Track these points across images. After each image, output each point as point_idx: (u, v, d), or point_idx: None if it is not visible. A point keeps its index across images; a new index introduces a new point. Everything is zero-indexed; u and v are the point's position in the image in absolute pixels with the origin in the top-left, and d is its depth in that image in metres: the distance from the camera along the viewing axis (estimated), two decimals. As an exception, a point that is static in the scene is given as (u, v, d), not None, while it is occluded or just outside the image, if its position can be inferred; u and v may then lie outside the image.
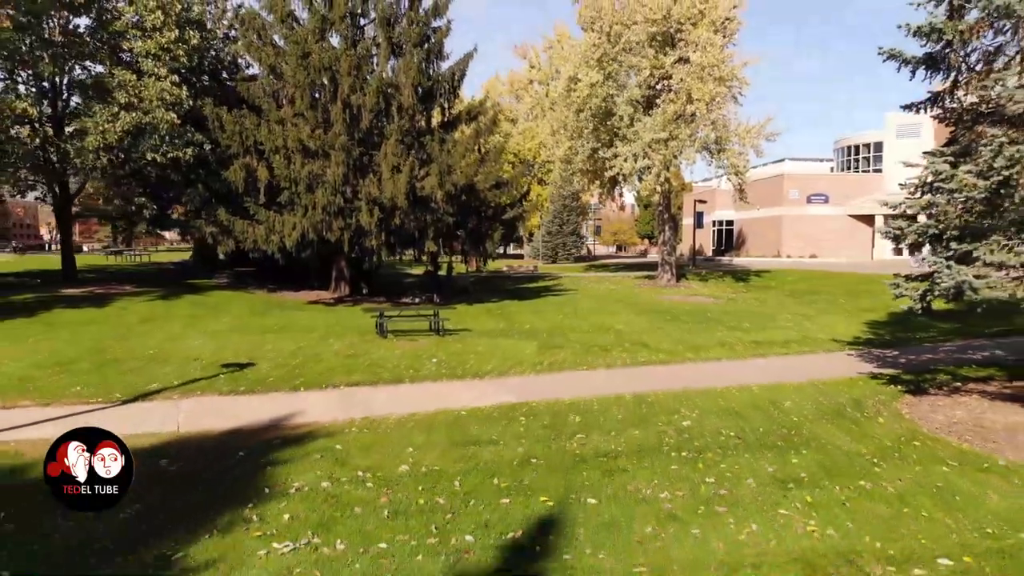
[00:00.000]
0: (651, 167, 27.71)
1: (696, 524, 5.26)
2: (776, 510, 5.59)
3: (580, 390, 9.84)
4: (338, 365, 11.58)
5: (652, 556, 4.76)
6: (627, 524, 5.23)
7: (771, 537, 5.12)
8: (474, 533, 5.03)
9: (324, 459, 6.66)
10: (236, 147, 19.85)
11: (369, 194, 19.17)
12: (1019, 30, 7.79)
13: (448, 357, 12.46)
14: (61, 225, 22.56)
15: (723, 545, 4.96)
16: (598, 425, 8.01)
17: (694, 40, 27.43)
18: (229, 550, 4.80)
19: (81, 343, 13.13)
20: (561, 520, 5.29)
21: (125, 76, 18.57)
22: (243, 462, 6.60)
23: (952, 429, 8.23)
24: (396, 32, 21.93)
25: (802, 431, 7.85)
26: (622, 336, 15.44)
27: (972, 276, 7.75)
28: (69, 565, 4.62)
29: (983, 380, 10.70)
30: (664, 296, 25.90)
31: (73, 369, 10.71)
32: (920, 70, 9.16)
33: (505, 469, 6.43)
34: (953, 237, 8.24)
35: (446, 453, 6.92)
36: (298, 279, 25.07)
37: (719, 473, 6.38)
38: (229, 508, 5.48)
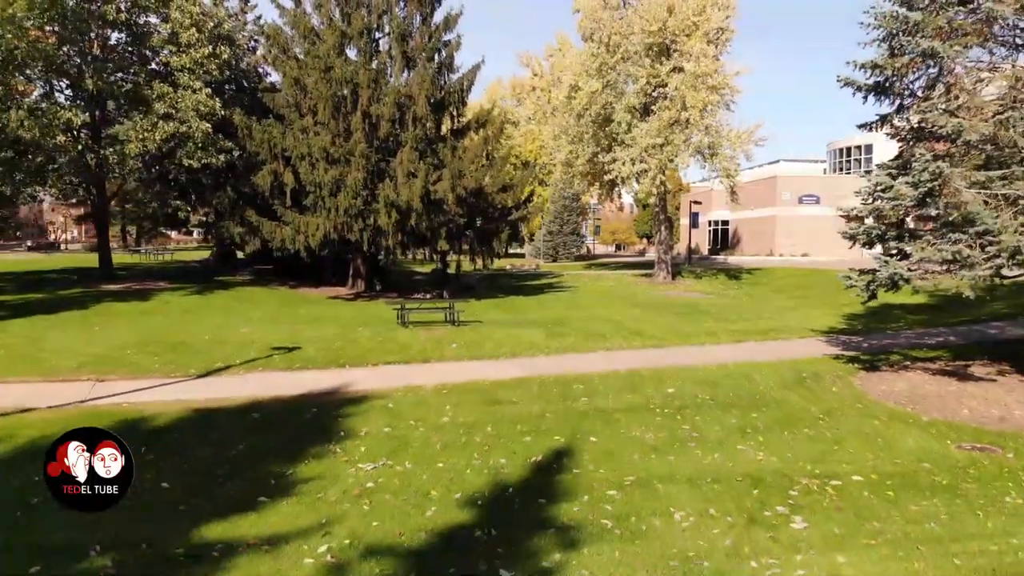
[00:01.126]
0: (648, 170, 29.41)
1: (672, 454, 6.98)
2: (735, 447, 7.31)
3: (582, 367, 11.55)
4: (372, 348, 13.28)
5: (637, 472, 6.47)
6: (619, 453, 6.95)
7: (728, 462, 6.84)
8: (506, 458, 6.75)
9: (381, 413, 8.38)
10: (264, 154, 21.55)
11: (387, 197, 20.86)
12: (942, 69, 9.49)
13: (466, 342, 14.16)
14: (98, 226, 24.24)
15: (691, 466, 6.68)
16: (598, 392, 9.73)
17: (688, 50, 29.11)
18: (326, 470, 6.51)
19: (141, 331, 14.82)
20: (570, 451, 7.01)
21: (163, 89, 20.26)
22: (317, 416, 8.31)
23: (892, 396, 9.94)
24: (410, 46, 23.62)
25: (765, 396, 9.57)
26: (619, 326, 17.13)
27: (904, 269, 9.46)
28: (211, 473, 6.32)
29: (930, 360, 12.42)
30: (659, 292, 27.59)
31: (146, 351, 12.40)
32: (871, 96, 10.86)
33: (525, 420, 8.15)
34: (892, 237, 9.95)
35: (477, 410, 8.63)
36: (315, 276, 26.73)
37: (693, 423, 8.10)
38: (316, 445, 7.20)
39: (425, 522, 5.28)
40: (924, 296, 20.92)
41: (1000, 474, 6.79)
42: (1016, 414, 9.07)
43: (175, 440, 7.32)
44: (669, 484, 6.14)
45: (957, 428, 8.38)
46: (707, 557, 4.75)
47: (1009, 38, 9.72)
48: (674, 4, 29.60)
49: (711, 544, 4.96)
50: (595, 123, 31.95)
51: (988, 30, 9.43)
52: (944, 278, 9.32)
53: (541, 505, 5.64)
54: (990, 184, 9.41)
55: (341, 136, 21.84)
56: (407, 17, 23.82)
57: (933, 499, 6.06)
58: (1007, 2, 9.13)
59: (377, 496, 5.80)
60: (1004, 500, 6.10)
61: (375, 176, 22.02)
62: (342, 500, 5.69)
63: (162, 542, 4.94)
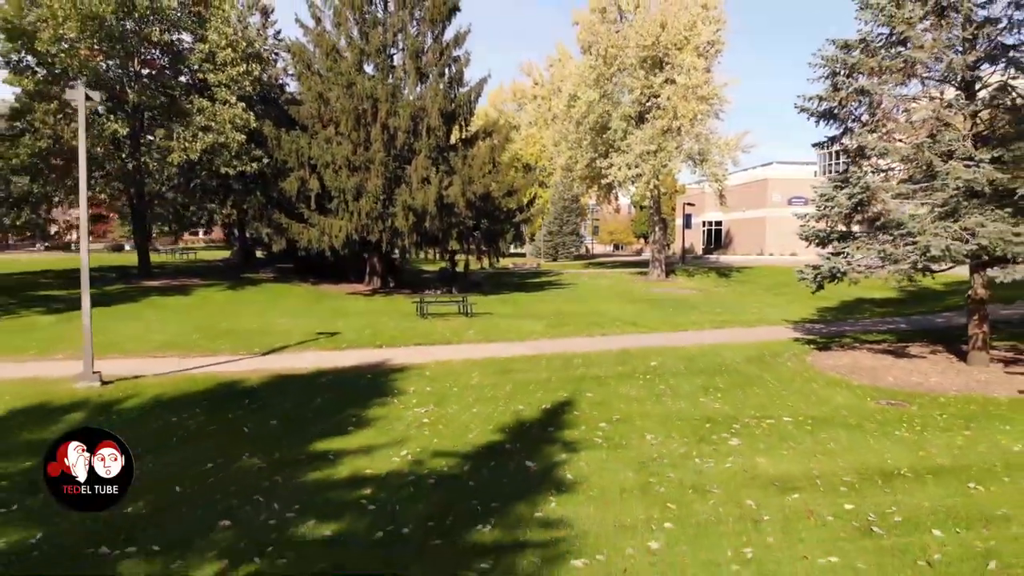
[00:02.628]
0: (642, 175, 31.61)
1: (648, 403, 9.16)
2: (698, 399, 9.49)
3: (581, 348, 13.72)
4: (400, 334, 15.45)
5: (622, 414, 8.63)
6: (608, 403, 9.12)
7: (691, 408, 9.01)
8: (523, 405, 8.93)
9: (421, 378, 10.55)
10: (292, 162, 23.72)
11: (405, 202, 23.02)
12: (873, 101, 11.66)
13: (480, 329, 16.34)
14: (137, 228, 26.37)
15: (662, 411, 8.85)
16: (593, 364, 11.91)
17: (680, 63, 31.30)
18: (389, 412, 8.68)
19: (193, 321, 16.97)
20: (571, 401, 9.18)
21: (202, 103, 22.41)
22: (372, 380, 10.49)
23: (835, 368, 12.11)
24: (423, 62, 25.78)
25: (729, 367, 11.75)
26: (615, 318, 19.31)
27: (843, 264, 11.64)
28: (303, 417, 8.48)
29: (876, 342, 14.61)
30: (653, 289, 29.78)
31: (207, 336, 14.56)
32: (821, 121, 13.03)
33: (535, 383, 10.32)
34: (835, 238, 12.13)
35: (496, 376, 10.81)
36: (333, 274, 28.85)
37: (668, 384, 10.29)
38: (377, 398, 9.37)
39: (469, 440, 7.45)
40: (894, 291, 23.20)
41: (899, 419, 8.94)
42: (932, 380, 11.25)
43: (266, 396, 9.49)
44: (644, 420, 8.31)
45: (880, 390, 10.55)
46: (666, 458, 6.92)
47: (930, 75, 11.89)
48: (667, 20, 31.80)
49: (670, 452, 7.13)
50: (593, 130, 34.16)
51: (911, 70, 11.60)
52: (875, 272, 11.50)
53: (551, 431, 7.82)
54: (912, 195, 11.61)
55: (361, 145, 23.98)
56: (419, 35, 26.01)
57: (840, 432, 8.22)
58: (925, 49, 11.32)
59: (432, 427, 7.96)
60: (894, 434, 8.25)
61: (392, 182, 24.19)
62: (408, 429, 7.86)
63: (287, 454, 7.10)
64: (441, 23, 26.17)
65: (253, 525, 5.14)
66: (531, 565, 4.47)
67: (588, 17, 35.58)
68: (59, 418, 8.20)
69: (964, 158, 11.18)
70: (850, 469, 6.81)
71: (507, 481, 6.18)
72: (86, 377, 9.79)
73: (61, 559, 4.63)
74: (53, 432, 7.77)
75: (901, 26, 11.24)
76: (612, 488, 6.02)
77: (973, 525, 5.37)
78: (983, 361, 12.15)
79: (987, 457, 7.24)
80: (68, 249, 74.00)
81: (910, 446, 7.66)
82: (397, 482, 6.12)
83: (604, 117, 33.40)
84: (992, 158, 11.07)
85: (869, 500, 5.90)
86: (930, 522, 5.41)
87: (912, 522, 5.42)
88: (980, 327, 12.20)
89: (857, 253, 11.74)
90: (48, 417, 8.26)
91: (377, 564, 4.49)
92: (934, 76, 11.78)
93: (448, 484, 6.12)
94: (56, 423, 8.01)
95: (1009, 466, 6.93)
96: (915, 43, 11.25)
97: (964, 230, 10.95)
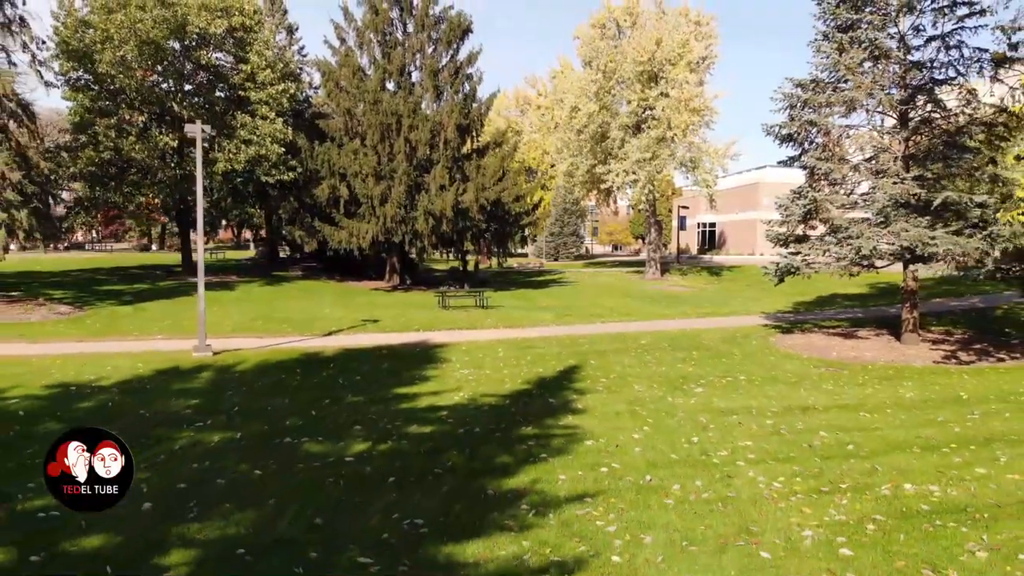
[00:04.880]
0: (638, 180, 34.38)
1: (638, 367, 11.92)
2: (676, 366, 12.25)
3: (585, 332, 16.48)
4: (429, 321, 18.19)
5: (617, 374, 11.38)
6: (607, 367, 11.88)
7: (670, 372, 11.76)
8: (541, 368, 11.69)
9: (458, 351, 13.31)
10: (324, 171, 26.47)
11: (425, 207, 25.77)
12: (819, 130, 14.41)
13: (497, 319, 19.08)
14: (182, 231, 29.13)
15: (647, 372, 11.60)
16: (595, 343, 14.67)
17: (673, 78, 34.08)
18: (442, 373, 11.42)
19: (249, 311, 19.68)
20: (579, 366, 11.93)
21: (244, 119, 25.15)
22: (421, 353, 13.25)
23: (791, 346, 14.86)
24: (439, 79, 28.52)
25: (705, 345, 14.52)
26: (612, 309, 22.07)
27: (798, 261, 14.39)
28: (377, 378, 11.20)
29: (832, 327, 17.36)
30: (648, 286, 32.55)
31: (268, 322, 17.29)
32: (783, 144, 15.77)
33: (550, 355, 13.08)
34: (792, 240, 14.89)
35: (518, 351, 13.55)
36: (355, 272, 31.63)
37: (653, 355, 13.06)
38: (429, 364, 12.11)
39: (506, 388, 10.19)
40: (866, 287, 26.00)
41: (830, 379, 11.67)
42: (867, 355, 13.99)
43: (343, 362, 12.22)
44: (634, 378, 11.07)
45: (824, 361, 13.29)
46: (648, 399, 9.66)
47: (867, 108, 14.66)
48: (662, 37, 34.58)
49: (652, 395, 9.88)
50: (593, 139, 36.97)
51: (852, 104, 14.36)
52: (822, 267, 14.26)
53: (564, 383, 10.57)
54: (854, 206, 14.37)
55: (386, 156, 26.73)
56: (436, 54, 28.76)
57: (782, 386, 10.96)
58: (862, 88, 14.07)
59: (476, 381, 10.71)
60: (821, 387, 10.98)
61: (413, 189, 26.93)
62: (459, 382, 10.61)
63: (378, 395, 9.82)
64: (456, 44, 28.94)
65: (376, 428, 7.88)
66: (559, 442, 7.22)
67: (589, 32, 38.43)
68: (196, 375, 10.94)
69: (894, 176, 13.94)
70: (779, 406, 9.55)
71: (536, 408, 8.94)
72: (201, 348, 12.53)
73: (260, 446, 7.33)
74: (200, 381, 10.54)
75: (843, 70, 14.01)
76: (609, 413, 8.77)
77: (850, 432, 8.12)
78: (914, 341, 14.91)
79: (884, 400, 9.99)
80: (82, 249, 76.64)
81: (830, 394, 10.42)
82: (462, 408, 8.88)
83: (603, 127, 36.21)
84: (915, 176, 13.83)
85: (785, 420, 8.65)
86: (822, 430, 8.16)
87: (809, 430, 8.17)
88: (911, 313, 14.97)
89: (811, 253, 14.51)
90: (187, 374, 10.99)
91: (462, 445, 7.21)
92: (870, 109, 14.55)
93: (497, 410, 8.86)
94: (196, 378, 10.75)
95: (897, 405, 9.69)
96: (854, 83, 14.01)
97: (892, 234, 13.71)
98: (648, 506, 5.48)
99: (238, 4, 25.05)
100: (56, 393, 9.56)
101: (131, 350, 13.18)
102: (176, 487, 5.88)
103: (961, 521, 5.32)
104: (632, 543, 4.78)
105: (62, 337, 14.86)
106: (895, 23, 14.40)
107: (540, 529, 4.97)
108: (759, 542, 4.87)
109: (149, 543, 4.77)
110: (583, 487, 5.87)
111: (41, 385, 9.93)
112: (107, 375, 10.80)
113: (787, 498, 5.78)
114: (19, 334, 14.98)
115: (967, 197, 13.07)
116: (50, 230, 20.45)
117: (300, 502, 5.52)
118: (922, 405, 9.59)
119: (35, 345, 13.74)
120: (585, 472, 6.30)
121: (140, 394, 9.61)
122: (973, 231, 13.43)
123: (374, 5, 28.11)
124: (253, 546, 4.71)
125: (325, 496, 5.69)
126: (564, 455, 6.83)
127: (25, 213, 18.09)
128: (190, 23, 24.00)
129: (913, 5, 14.05)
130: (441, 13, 28.59)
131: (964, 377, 11.62)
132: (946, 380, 11.39)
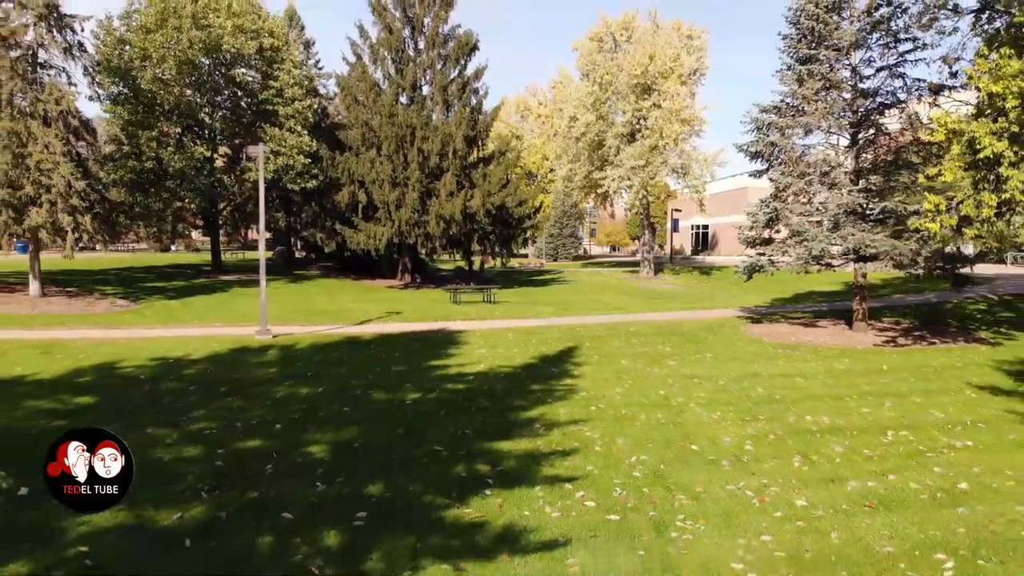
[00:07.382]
0: (632, 186, 36.93)
1: (626, 348, 14.45)
2: (656, 347, 14.77)
3: (582, 322, 19.01)
4: (445, 313, 20.70)
5: (608, 352, 13.90)
6: (600, 348, 14.41)
7: (651, 351, 14.28)
8: (545, 348, 14.22)
9: (475, 335, 15.83)
10: (344, 179, 28.99)
11: (437, 212, 28.29)
12: (781, 148, 16.93)
13: (504, 312, 21.60)
14: (211, 232, 31.63)
15: (633, 351, 14.13)
16: (591, 330, 17.19)
17: (666, 90, 36.63)
18: (464, 350, 13.93)
19: (283, 303, 22.15)
20: (576, 347, 14.45)
21: (273, 132, 27.66)
22: (445, 337, 15.77)
23: (758, 333, 17.38)
24: (448, 94, 31.06)
25: (684, 331, 17.05)
26: (608, 305, 24.58)
27: (764, 260, 16.92)
28: (411, 354, 13.70)
29: (796, 318, 19.89)
30: (642, 284, 35.08)
31: (304, 314, 19.77)
32: (753, 159, 18.30)
33: (552, 339, 15.61)
34: (760, 242, 17.43)
35: (525, 336, 16.07)
36: (368, 271, 34.13)
37: (640, 340, 15.58)
38: (452, 346, 14.61)
39: (517, 362, 12.70)
40: (840, 285, 28.48)
41: (783, 356, 14.18)
42: (820, 340, 16.50)
43: (381, 344, 14.72)
44: (621, 355, 13.59)
45: (782, 344, 15.80)
46: (631, 369, 12.18)
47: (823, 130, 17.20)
48: (655, 52, 37.13)
49: (634, 367, 12.40)
50: (590, 146, 39.56)
51: (808, 127, 16.89)
52: (783, 265, 16.80)
53: (564, 358, 13.09)
54: (810, 215, 16.91)
55: (400, 165, 29.24)
56: (445, 71, 31.28)
57: (741, 363, 13.46)
58: (817, 115, 16.61)
59: (492, 357, 13.22)
60: (773, 363, 13.48)
61: (425, 195, 29.45)
62: (479, 357, 13.12)
63: (415, 365, 12.30)
64: (463, 60, 31.47)
65: (422, 385, 10.40)
66: (560, 393, 9.77)
67: (587, 45, 41.00)
68: (265, 352, 13.44)
69: (845, 188, 16.48)
70: (735, 374, 12.08)
71: (542, 374, 11.47)
72: (263, 332, 15.04)
73: (340, 395, 9.81)
74: (270, 356, 13.04)
75: (799, 99, 16.55)
76: (599, 378, 11.29)
77: (782, 390, 10.64)
78: (863, 329, 17.43)
79: (818, 370, 12.51)
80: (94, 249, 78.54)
81: (779, 367, 12.94)
82: (484, 375, 11.40)
83: (600, 135, 38.78)
84: (861, 188, 16.37)
85: (735, 383, 11.17)
86: (760, 387, 10.68)
87: (750, 387, 10.70)
88: (861, 304, 17.50)
89: (775, 253, 17.05)
90: (257, 352, 13.49)
91: (488, 395, 9.71)
92: (825, 130, 17.09)
93: (511, 376, 11.38)
94: (265, 354, 13.24)
95: (827, 373, 12.22)
96: (809, 111, 16.55)
97: (841, 237, 16.25)
98: (622, 426, 8.01)
99: (267, 27, 27.55)
100: (160, 364, 12.05)
101: (199, 335, 15.68)
102: (292, 417, 8.39)
103: (835, 436, 7.85)
104: (609, 443, 7.30)
105: (132, 325, 17.35)
106: (847, 56, 16.96)
107: (547, 436, 7.50)
108: (693, 443, 7.39)
109: (290, 443, 7.28)
110: (577, 416, 8.40)
111: (145, 358, 12.42)
112: (191, 352, 13.29)
113: (719, 424, 8.31)
114: (95, 323, 17.46)
115: (902, 206, 15.63)
116: (111, 232, 22.88)
117: (383, 423, 8.03)
118: (847, 374, 12.13)
119: (115, 331, 16.23)
120: (579, 409, 8.83)
121: (227, 364, 12.11)
122: (911, 235, 15.96)
123: (388, 25, 30.65)
124: (362, 444, 7.23)
125: (400, 420, 8.21)
126: (564, 400, 9.36)
127: (89, 218, 20.54)
128: (224, 43, 26.49)
129: (861, 42, 16.62)
130: (449, 32, 31.14)
131: (893, 356, 14.15)
132: (877, 358, 13.93)
